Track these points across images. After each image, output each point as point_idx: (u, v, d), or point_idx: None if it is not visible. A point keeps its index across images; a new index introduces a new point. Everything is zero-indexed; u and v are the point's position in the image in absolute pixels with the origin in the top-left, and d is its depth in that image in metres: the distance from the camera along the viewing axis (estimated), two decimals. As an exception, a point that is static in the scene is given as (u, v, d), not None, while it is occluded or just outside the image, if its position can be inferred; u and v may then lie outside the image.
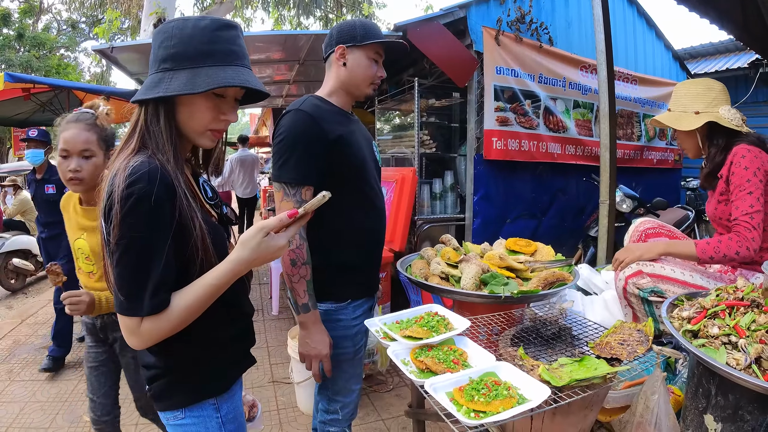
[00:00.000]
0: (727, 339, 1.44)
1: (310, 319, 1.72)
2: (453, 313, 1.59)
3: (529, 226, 5.05)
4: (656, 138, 6.12)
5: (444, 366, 1.26)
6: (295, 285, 1.68)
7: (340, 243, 1.83)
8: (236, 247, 1.13)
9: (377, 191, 1.94)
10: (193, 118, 1.17)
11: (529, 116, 4.76)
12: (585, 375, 1.27)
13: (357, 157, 1.81)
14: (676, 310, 1.68)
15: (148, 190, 1.03)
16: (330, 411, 1.95)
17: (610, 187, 3.28)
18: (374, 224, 1.93)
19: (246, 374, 3.17)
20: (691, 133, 2.15)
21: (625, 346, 1.59)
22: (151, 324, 1.07)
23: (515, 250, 2.48)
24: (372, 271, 2.01)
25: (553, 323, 1.81)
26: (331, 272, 1.81)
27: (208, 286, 1.11)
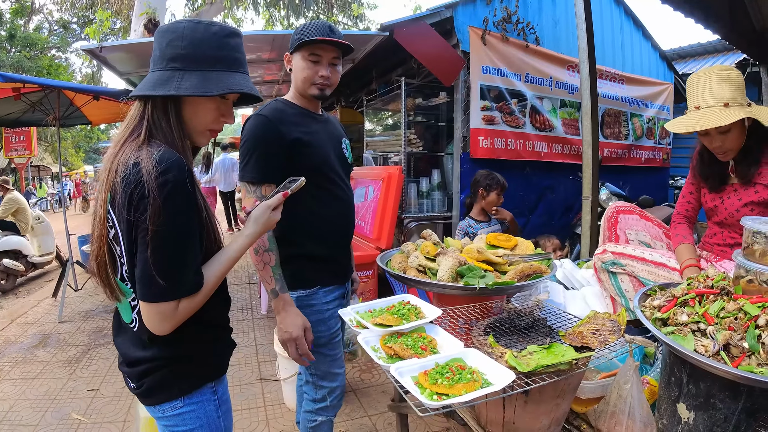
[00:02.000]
0: (696, 326, 1.44)
1: (279, 303, 1.80)
2: (425, 303, 1.61)
3: (518, 224, 5.06)
4: (644, 137, 6.17)
5: (411, 351, 1.28)
6: (261, 272, 1.79)
7: (304, 234, 1.93)
8: (249, 223, 1.32)
9: (342, 186, 2.04)
10: (197, 118, 1.24)
11: (515, 115, 4.79)
12: (551, 361, 1.29)
13: (317, 156, 1.90)
14: (648, 299, 1.70)
15: (181, 177, 1.10)
16: (317, 399, 2.02)
17: (592, 184, 3.30)
18: (337, 216, 2.02)
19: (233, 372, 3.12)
20: (745, 127, 1.94)
21: (597, 335, 1.60)
22: (188, 302, 1.15)
23: (495, 245, 2.50)
24: (340, 260, 2.08)
25: (528, 314, 1.83)
26: (299, 262, 1.92)
27: (231, 259, 1.25)
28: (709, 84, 1.90)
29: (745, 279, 1.55)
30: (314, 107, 2.03)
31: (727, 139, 1.94)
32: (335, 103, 7.69)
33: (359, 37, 5.00)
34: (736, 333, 1.36)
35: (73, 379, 3.82)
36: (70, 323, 5.21)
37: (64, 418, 3.22)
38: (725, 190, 2.12)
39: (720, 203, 2.13)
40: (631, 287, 2.23)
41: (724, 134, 1.93)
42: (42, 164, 25.22)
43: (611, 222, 2.43)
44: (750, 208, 2.02)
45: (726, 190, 2.11)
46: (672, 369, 1.57)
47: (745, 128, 1.94)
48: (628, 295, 2.24)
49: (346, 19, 15.04)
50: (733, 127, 1.90)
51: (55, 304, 5.68)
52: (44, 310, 5.77)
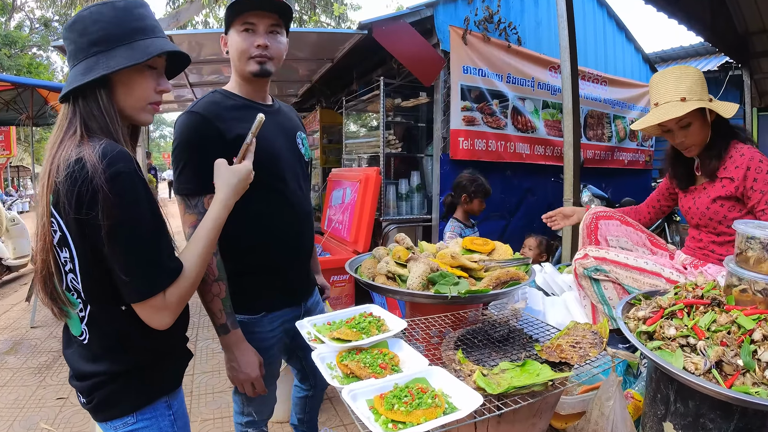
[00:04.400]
0: (685, 341, 1.33)
1: (231, 340, 1.57)
2: (390, 314, 1.46)
3: (498, 226, 4.98)
4: (627, 139, 6.12)
5: (369, 370, 1.14)
6: (209, 305, 1.54)
7: (249, 246, 1.69)
8: (218, 188, 1.31)
9: (296, 187, 1.79)
10: (133, 94, 1.19)
11: (496, 116, 4.69)
12: (525, 382, 1.16)
13: (265, 154, 1.59)
14: (632, 309, 1.58)
15: (131, 166, 1.07)
16: (245, 413, 1.88)
17: (574, 186, 3.21)
18: (289, 225, 1.77)
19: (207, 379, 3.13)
20: (707, 122, 1.96)
21: (577, 348, 1.48)
22: (174, 290, 1.13)
23: (471, 249, 2.37)
24: (292, 277, 1.84)
25: (503, 324, 1.70)
26: (243, 281, 1.66)
27: (208, 231, 1.25)
28: (666, 81, 1.96)
29: (737, 288, 1.44)
30: (260, 95, 1.76)
31: (689, 133, 1.97)
32: (316, 103, 7.55)
33: (337, 35, 4.89)
34: (729, 349, 1.25)
35: (43, 387, 3.71)
36: (42, 328, 5.05)
37: (32, 428, 3.12)
38: (696, 190, 2.10)
39: (692, 204, 2.10)
40: (615, 294, 2.12)
41: (685, 129, 1.97)
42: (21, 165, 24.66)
43: (590, 228, 2.32)
44: (719, 204, 1.98)
45: (697, 189, 2.10)
46: (658, 385, 1.47)
47: (707, 123, 1.96)
48: (611, 303, 2.13)
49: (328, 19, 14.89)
50: (692, 121, 1.93)
51: (29, 309, 5.49)
52: (17, 314, 5.61)
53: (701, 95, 1.92)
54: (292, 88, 7.02)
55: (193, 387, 3.55)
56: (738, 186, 1.91)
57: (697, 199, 2.08)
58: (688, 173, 2.14)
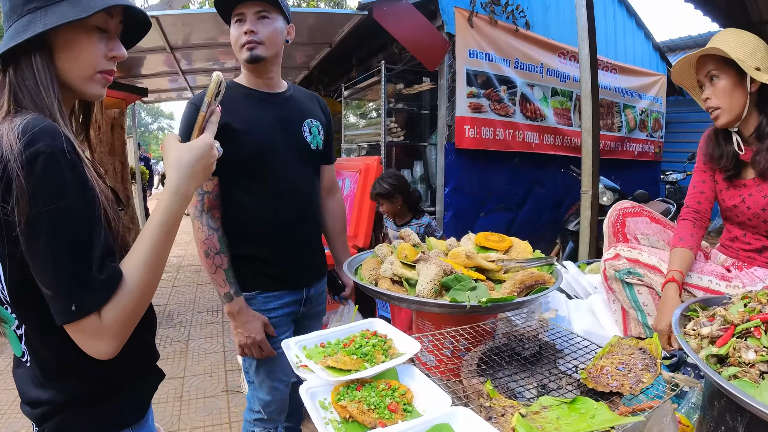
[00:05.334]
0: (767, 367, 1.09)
1: (235, 307, 1.69)
2: (398, 332, 1.19)
3: (505, 219, 4.72)
4: (636, 129, 5.84)
5: (375, 416, 0.87)
6: (213, 276, 1.68)
7: (239, 233, 1.75)
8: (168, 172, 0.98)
9: (293, 178, 1.80)
10: (79, 60, 0.97)
11: (504, 103, 4.41)
12: (582, 429, 0.89)
13: (252, 144, 1.69)
14: (690, 324, 1.32)
15: (56, 145, 0.83)
16: (254, 410, 1.89)
17: (593, 176, 2.94)
18: (282, 213, 1.78)
19: (198, 383, 2.97)
20: (743, 90, 1.67)
21: (626, 372, 1.22)
22: (113, 309, 0.86)
23: (486, 247, 2.10)
24: (288, 264, 1.83)
25: (532, 339, 1.43)
26: (236, 262, 1.73)
27: (158, 224, 0.94)
28: (721, 35, 1.75)
29: None
30: (266, 83, 1.78)
31: (715, 90, 1.71)
32: (314, 92, 7.26)
33: (336, 16, 4.59)
34: None
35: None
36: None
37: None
38: (746, 186, 1.78)
39: (741, 202, 1.78)
40: (650, 300, 1.86)
41: (713, 83, 1.72)
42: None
43: (617, 226, 2.05)
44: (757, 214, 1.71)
45: (747, 185, 1.78)
46: (722, 416, 1.21)
47: (743, 90, 1.67)
48: (646, 309, 1.87)
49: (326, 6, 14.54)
50: (722, 75, 1.69)
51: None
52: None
53: (747, 55, 1.64)
54: (290, 75, 6.72)
55: (183, 391, 3.28)
56: None
57: (747, 197, 1.77)
58: (735, 159, 1.80)
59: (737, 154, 1.77)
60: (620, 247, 1.91)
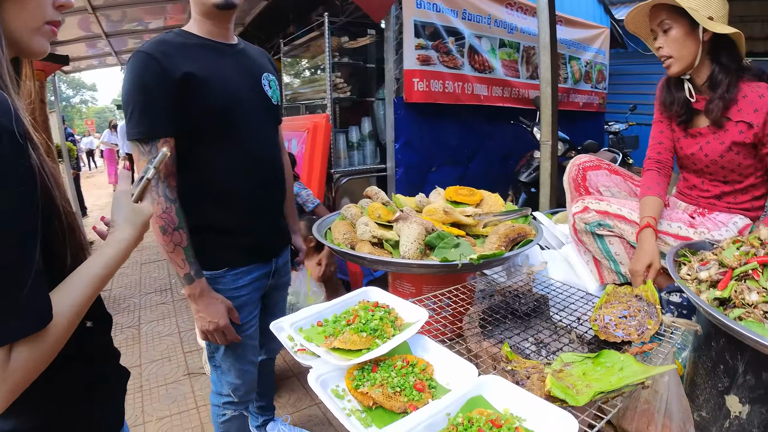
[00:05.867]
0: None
1: (196, 289, 1.49)
2: (398, 299, 1.08)
3: (455, 173, 4.65)
4: (582, 81, 5.88)
5: (403, 399, 0.77)
6: (171, 255, 1.45)
7: (205, 199, 1.54)
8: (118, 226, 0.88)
9: (261, 137, 1.63)
10: (26, 9, 0.81)
11: (452, 55, 4.28)
12: (615, 383, 0.83)
13: (220, 95, 1.49)
14: (684, 269, 1.30)
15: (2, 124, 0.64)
16: (222, 393, 1.75)
17: (552, 126, 2.90)
18: (254, 176, 1.60)
19: (157, 369, 2.81)
20: (695, 39, 1.65)
21: (630, 320, 1.18)
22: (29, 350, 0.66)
23: (458, 201, 2.02)
24: (258, 233, 1.66)
25: (527, 294, 1.37)
26: (200, 235, 1.52)
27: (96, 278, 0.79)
28: None
29: None
30: (222, 33, 1.58)
31: (669, 39, 1.69)
32: None
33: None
34: None
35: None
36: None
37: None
38: (702, 135, 1.78)
39: (698, 150, 1.78)
40: (622, 250, 1.84)
41: (666, 34, 1.70)
42: None
43: (578, 181, 2.02)
44: (735, 151, 1.70)
45: (703, 134, 1.77)
46: (721, 355, 1.23)
47: (695, 40, 1.65)
48: (618, 259, 1.86)
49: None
50: (674, 25, 1.67)
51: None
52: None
53: (700, 4, 1.61)
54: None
55: (143, 380, 3.01)
56: (758, 133, 1.63)
57: (705, 145, 1.77)
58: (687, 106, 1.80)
59: (689, 101, 1.77)
60: (588, 200, 1.88)
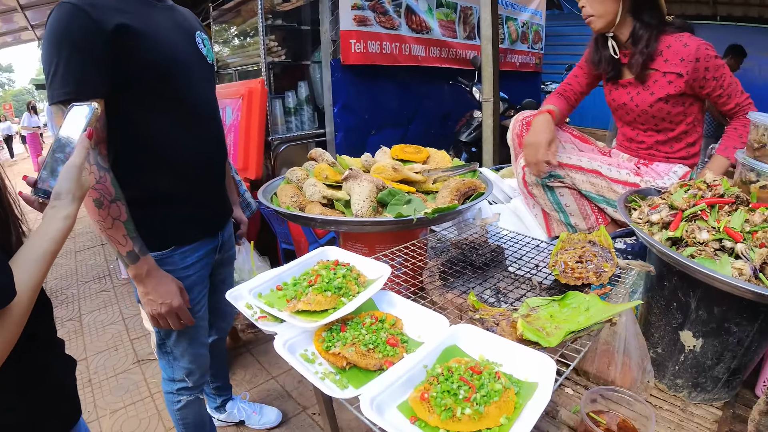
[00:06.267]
0: (719, 245, 1.14)
1: (143, 268, 1.32)
2: (358, 257, 1.04)
3: (396, 135, 4.61)
4: (518, 41, 5.92)
5: (377, 355, 0.74)
6: (109, 232, 1.26)
7: (146, 168, 1.38)
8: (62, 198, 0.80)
9: (202, 96, 1.50)
10: None
11: (389, 15, 4.19)
12: (583, 322, 0.84)
13: (158, 51, 1.33)
14: (635, 213, 1.33)
15: None
16: (176, 379, 1.65)
17: (494, 84, 2.90)
18: (197, 140, 1.47)
19: (104, 359, 2.68)
20: None
21: (587, 264, 1.20)
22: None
23: (405, 159, 2.00)
24: (205, 203, 1.54)
25: (483, 246, 1.37)
26: (143, 210, 1.35)
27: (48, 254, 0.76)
28: None
29: (757, 185, 1.27)
30: None
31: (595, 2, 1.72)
32: None
33: None
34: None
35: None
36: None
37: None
38: (631, 85, 1.83)
39: (629, 100, 1.83)
40: (572, 201, 1.88)
41: None
42: None
43: (522, 137, 1.96)
44: (665, 101, 1.76)
45: (632, 84, 1.83)
46: (674, 293, 1.28)
47: None
48: (568, 210, 1.89)
49: None
50: None
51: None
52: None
53: None
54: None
55: (91, 374, 2.84)
56: (688, 80, 1.69)
57: (635, 96, 1.82)
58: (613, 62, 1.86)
59: (614, 58, 1.81)
60: None
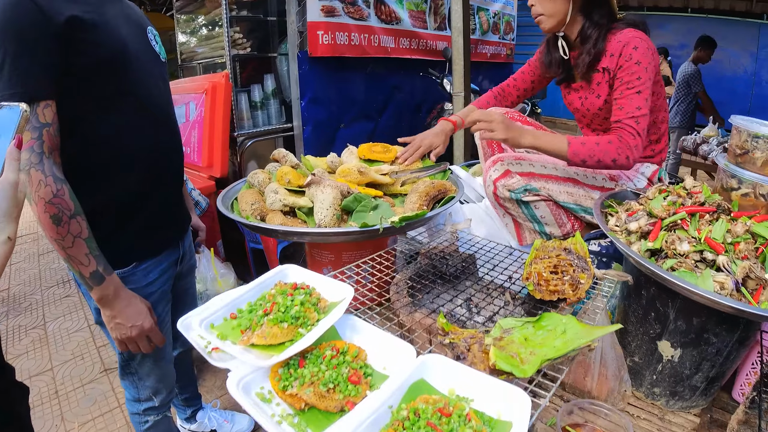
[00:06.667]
0: (700, 256, 1.11)
1: (109, 289, 1.20)
2: (319, 276, 0.96)
3: (366, 128, 4.52)
4: (489, 32, 5.87)
5: (338, 396, 0.67)
6: (70, 251, 1.13)
7: (103, 177, 1.26)
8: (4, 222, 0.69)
9: (158, 95, 1.38)
10: None
11: (358, 5, 4.08)
12: (560, 350, 0.78)
13: (112, 46, 1.21)
14: (612, 220, 1.28)
15: None
16: (142, 399, 1.53)
17: (464, 78, 2.84)
18: (155, 142, 1.36)
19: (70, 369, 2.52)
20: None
21: (563, 276, 1.15)
22: None
23: (372, 159, 1.92)
24: (165, 210, 1.43)
25: (454, 255, 1.31)
26: (100, 225, 1.23)
27: None
28: None
29: (738, 192, 1.23)
30: None
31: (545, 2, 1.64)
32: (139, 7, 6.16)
33: None
34: (752, 261, 1.05)
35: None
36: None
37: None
38: (582, 89, 1.77)
39: (580, 105, 1.78)
40: (548, 212, 1.79)
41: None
42: None
43: None
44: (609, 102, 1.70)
45: (583, 87, 1.76)
46: (652, 303, 1.25)
47: None
48: (543, 221, 1.81)
49: None
50: None
51: None
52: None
53: None
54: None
55: (57, 385, 2.67)
56: (611, 78, 1.62)
57: (584, 100, 1.76)
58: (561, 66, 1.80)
59: (564, 59, 1.75)
60: (507, 161, 1.78)
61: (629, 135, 1.49)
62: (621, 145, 1.49)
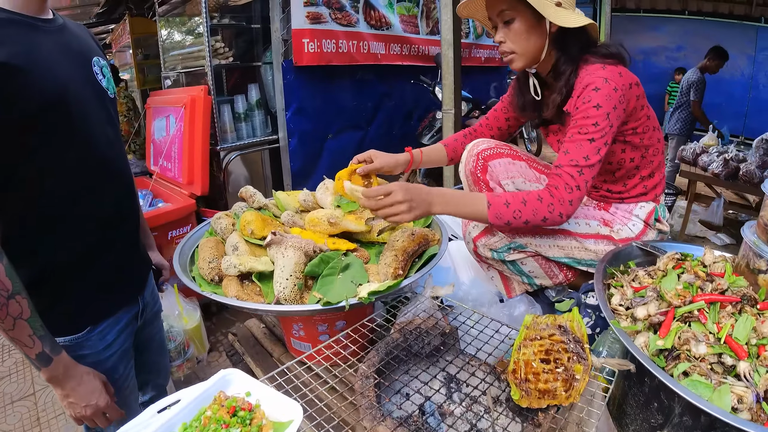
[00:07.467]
0: (717, 359, 0.95)
1: (58, 370, 1.10)
2: (267, 390, 0.81)
3: (355, 138, 4.36)
4: (483, 35, 5.69)
5: None
6: (12, 334, 1.02)
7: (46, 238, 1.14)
8: None
9: (104, 137, 1.23)
10: None
11: (346, 11, 3.91)
12: None
13: (48, 91, 1.06)
14: (616, 297, 1.12)
15: None
16: None
17: (455, 93, 2.67)
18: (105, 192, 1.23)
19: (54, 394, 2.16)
20: (541, 31, 1.42)
21: (555, 365, 0.99)
22: None
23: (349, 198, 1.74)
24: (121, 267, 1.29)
25: (432, 329, 1.15)
26: (45, 290, 1.14)
27: None
28: None
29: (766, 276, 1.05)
30: (38, 5, 1.14)
31: (511, 33, 1.44)
32: (125, 11, 5.94)
33: None
34: None
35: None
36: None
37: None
38: (560, 131, 1.61)
39: (558, 148, 1.59)
40: (536, 266, 1.64)
41: (507, 25, 1.44)
42: None
43: (476, 175, 1.64)
44: None
45: (561, 130, 1.60)
46: (656, 394, 1.10)
47: (541, 32, 1.42)
48: (533, 275, 1.66)
49: None
50: (516, 17, 1.41)
51: None
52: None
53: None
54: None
55: (39, 411, 2.49)
56: None
57: (562, 143, 1.51)
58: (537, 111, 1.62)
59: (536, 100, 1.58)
60: None
61: (564, 188, 1.31)
62: (553, 201, 1.31)
